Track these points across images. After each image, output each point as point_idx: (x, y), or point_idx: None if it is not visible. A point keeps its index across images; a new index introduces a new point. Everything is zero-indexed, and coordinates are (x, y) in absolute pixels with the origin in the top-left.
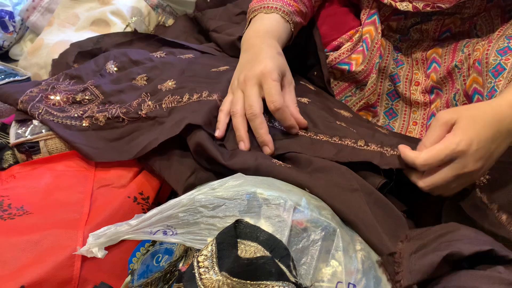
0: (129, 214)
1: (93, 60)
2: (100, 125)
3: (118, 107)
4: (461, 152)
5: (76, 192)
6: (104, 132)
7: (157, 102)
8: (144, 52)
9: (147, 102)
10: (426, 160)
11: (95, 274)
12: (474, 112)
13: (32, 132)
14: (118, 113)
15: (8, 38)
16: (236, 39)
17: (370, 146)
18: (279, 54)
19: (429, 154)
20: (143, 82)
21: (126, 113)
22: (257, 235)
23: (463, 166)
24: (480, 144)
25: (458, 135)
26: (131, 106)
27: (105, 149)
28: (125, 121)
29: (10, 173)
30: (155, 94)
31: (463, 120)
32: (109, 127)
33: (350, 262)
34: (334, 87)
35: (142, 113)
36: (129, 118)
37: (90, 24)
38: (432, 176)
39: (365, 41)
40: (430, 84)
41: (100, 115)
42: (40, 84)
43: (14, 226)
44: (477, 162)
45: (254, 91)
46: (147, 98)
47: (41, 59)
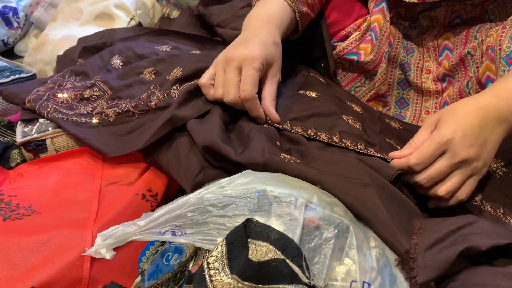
0: (138, 212)
1: (98, 55)
2: (110, 121)
3: (128, 102)
4: (448, 142)
5: (84, 190)
6: (115, 127)
7: (165, 91)
8: (149, 45)
9: (156, 94)
10: (417, 158)
11: (105, 274)
12: (454, 106)
13: (38, 130)
14: (128, 107)
15: (12, 35)
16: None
17: (370, 151)
18: (274, 43)
19: (419, 151)
20: (151, 76)
21: (136, 106)
22: (268, 234)
23: (454, 154)
24: (465, 131)
25: (441, 128)
26: (141, 99)
27: (117, 143)
28: (135, 114)
29: (18, 172)
30: (163, 85)
31: (444, 115)
32: (119, 122)
33: (364, 260)
34: (343, 78)
35: (152, 105)
36: (139, 111)
37: (94, 18)
38: (427, 169)
39: (373, 30)
40: (442, 72)
41: (110, 111)
42: (46, 82)
43: (23, 227)
44: (468, 149)
45: (233, 75)
46: (156, 89)
47: (46, 55)
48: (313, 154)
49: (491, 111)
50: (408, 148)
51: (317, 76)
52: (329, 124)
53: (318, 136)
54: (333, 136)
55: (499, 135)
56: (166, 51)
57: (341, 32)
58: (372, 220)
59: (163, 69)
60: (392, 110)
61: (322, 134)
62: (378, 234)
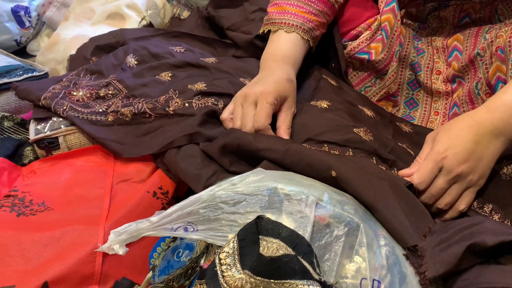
0: (149, 209)
1: (112, 53)
2: (126, 120)
3: (144, 102)
4: (442, 159)
5: (96, 187)
6: (130, 127)
7: (186, 100)
8: (163, 45)
9: (175, 99)
10: (419, 178)
11: (117, 269)
12: (450, 124)
13: (51, 128)
14: (144, 109)
15: (25, 34)
16: (254, 37)
17: (382, 166)
18: (287, 80)
19: (420, 171)
20: (167, 78)
21: (153, 109)
22: (279, 231)
23: (448, 171)
24: (458, 148)
25: (436, 146)
26: (158, 102)
27: (132, 144)
28: (151, 116)
29: (31, 169)
30: (184, 93)
31: (440, 132)
32: (135, 123)
33: (374, 258)
34: (353, 77)
35: (170, 110)
36: (156, 114)
37: (106, 18)
38: (429, 188)
39: (384, 29)
40: (452, 73)
41: (126, 110)
42: (61, 80)
43: (36, 222)
44: (462, 164)
45: (249, 109)
46: (174, 95)
47: (58, 54)
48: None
49: (486, 125)
50: (415, 165)
51: (329, 79)
52: (341, 140)
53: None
54: (347, 153)
55: (496, 149)
56: (179, 52)
57: (351, 31)
58: (382, 207)
59: (179, 74)
60: (401, 111)
61: (335, 152)
62: (387, 222)
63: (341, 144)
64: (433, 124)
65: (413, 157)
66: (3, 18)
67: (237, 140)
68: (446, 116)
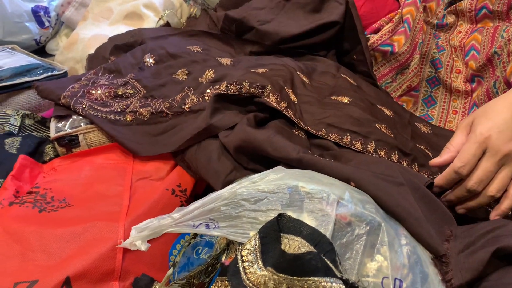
0: (168, 207)
1: (130, 53)
2: (144, 120)
3: (161, 102)
4: (486, 140)
5: (116, 184)
6: (148, 127)
7: (200, 95)
8: (180, 44)
9: (191, 97)
10: (461, 161)
11: (136, 266)
12: (485, 107)
13: (71, 126)
14: (162, 108)
15: (44, 34)
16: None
17: (402, 163)
18: None
19: (461, 154)
20: (183, 77)
21: (170, 107)
22: (300, 229)
23: (495, 152)
24: (500, 127)
25: (477, 128)
26: (175, 100)
27: (150, 143)
28: (168, 115)
29: (51, 166)
30: (197, 88)
31: (477, 116)
32: (153, 122)
33: (396, 257)
34: (374, 72)
35: (186, 107)
36: (172, 112)
37: (124, 17)
38: (474, 172)
39: (406, 21)
40: (470, 72)
41: (144, 110)
42: (80, 79)
43: (58, 218)
44: (508, 143)
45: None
46: (190, 92)
47: (77, 54)
48: (346, 156)
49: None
50: (447, 153)
51: (347, 77)
52: (364, 131)
53: (353, 145)
54: (368, 146)
55: None
56: (197, 51)
57: (373, 25)
58: (406, 217)
59: (195, 70)
60: (419, 109)
61: (357, 143)
62: (412, 231)
63: (364, 135)
64: (451, 123)
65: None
66: (23, 18)
67: (251, 145)
68: (465, 115)
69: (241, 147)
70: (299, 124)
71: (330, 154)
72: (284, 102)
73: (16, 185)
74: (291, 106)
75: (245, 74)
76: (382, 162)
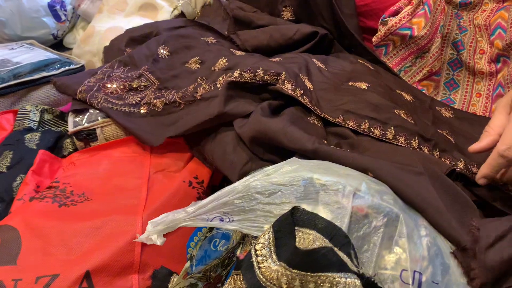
0: (185, 199)
1: (145, 44)
2: (158, 111)
3: (175, 92)
4: None
5: (134, 177)
6: (162, 117)
7: (211, 83)
8: (195, 36)
9: (203, 85)
10: (506, 143)
11: (155, 259)
12: None
13: (88, 120)
14: (175, 98)
15: (61, 28)
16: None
17: (423, 149)
18: None
19: (504, 137)
20: (196, 66)
21: (183, 97)
22: (315, 222)
23: None
24: None
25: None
26: (188, 90)
27: (161, 132)
28: (181, 105)
29: (70, 160)
30: (210, 77)
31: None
32: (166, 113)
33: (415, 249)
34: (392, 57)
35: (198, 96)
36: (185, 102)
37: (138, 9)
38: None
39: (426, 3)
40: (496, 52)
41: (158, 101)
42: (96, 73)
43: (77, 213)
44: None
45: None
46: (202, 81)
47: (94, 47)
48: (364, 144)
49: None
50: (486, 136)
51: (365, 63)
52: (382, 117)
53: (372, 132)
54: (387, 132)
55: None
56: (211, 43)
57: (392, 7)
58: (426, 207)
59: (208, 59)
60: (440, 93)
61: (375, 130)
62: (433, 222)
63: (382, 121)
64: (475, 107)
65: (452, 144)
66: (40, 13)
67: (266, 136)
68: (489, 97)
69: (256, 138)
70: (315, 111)
71: (347, 143)
72: (300, 89)
73: (37, 180)
74: (307, 93)
75: (259, 61)
76: (401, 151)
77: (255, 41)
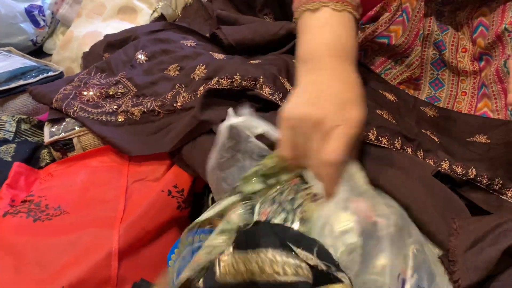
0: (164, 209)
1: (122, 49)
2: (135, 120)
3: (153, 100)
4: None
5: (111, 188)
6: (140, 126)
7: (192, 93)
8: (174, 39)
9: (182, 94)
10: None
11: (134, 271)
12: None
13: (65, 130)
14: (153, 107)
15: (40, 33)
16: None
17: (407, 150)
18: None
19: None
20: (175, 73)
21: (162, 106)
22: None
23: None
24: None
25: None
26: (166, 98)
27: (142, 143)
28: (160, 114)
29: (48, 172)
30: (189, 85)
31: None
32: (144, 121)
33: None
34: (372, 60)
35: (178, 105)
36: (164, 111)
37: (117, 12)
38: None
39: (405, 10)
40: (478, 50)
41: (136, 109)
42: (72, 80)
43: (52, 227)
44: None
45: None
46: (181, 89)
47: (73, 52)
48: None
49: None
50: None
51: None
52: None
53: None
54: (369, 133)
55: None
56: (190, 46)
57: (370, 12)
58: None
59: (187, 65)
60: (426, 92)
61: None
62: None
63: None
64: (460, 104)
65: (437, 144)
66: (17, 19)
67: None
68: (474, 96)
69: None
70: None
71: None
72: (279, 92)
73: (12, 193)
74: (287, 96)
75: (237, 66)
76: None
77: (239, 35)
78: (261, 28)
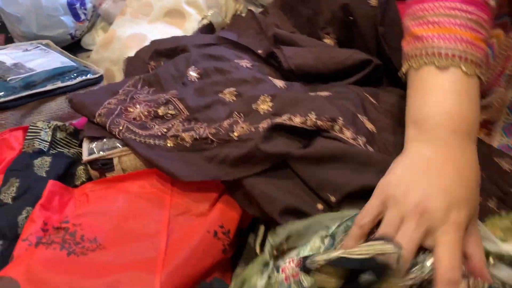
0: (209, 252)
1: (172, 62)
2: (186, 146)
3: (206, 126)
4: None
5: (152, 220)
6: (191, 154)
7: (252, 124)
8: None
9: (241, 124)
10: None
11: None
12: None
13: (106, 148)
14: (206, 134)
15: (79, 27)
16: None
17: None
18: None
19: None
20: (231, 98)
21: (216, 134)
22: None
23: None
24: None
25: None
26: (221, 126)
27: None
28: (214, 142)
29: (83, 191)
30: (249, 115)
31: None
32: (195, 149)
33: None
34: None
35: (234, 135)
36: (218, 139)
37: (164, 15)
38: None
39: (491, 47)
40: None
41: (187, 135)
42: (117, 93)
43: (88, 264)
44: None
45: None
46: (239, 119)
47: (114, 54)
48: None
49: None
50: None
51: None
52: None
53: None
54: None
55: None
56: (246, 67)
57: None
58: None
59: (245, 91)
60: (497, 139)
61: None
62: None
63: None
64: None
65: None
66: (59, 11)
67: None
68: None
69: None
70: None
71: None
72: (362, 136)
73: (45, 216)
74: (370, 141)
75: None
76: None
77: (300, 60)
78: (325, 55)
